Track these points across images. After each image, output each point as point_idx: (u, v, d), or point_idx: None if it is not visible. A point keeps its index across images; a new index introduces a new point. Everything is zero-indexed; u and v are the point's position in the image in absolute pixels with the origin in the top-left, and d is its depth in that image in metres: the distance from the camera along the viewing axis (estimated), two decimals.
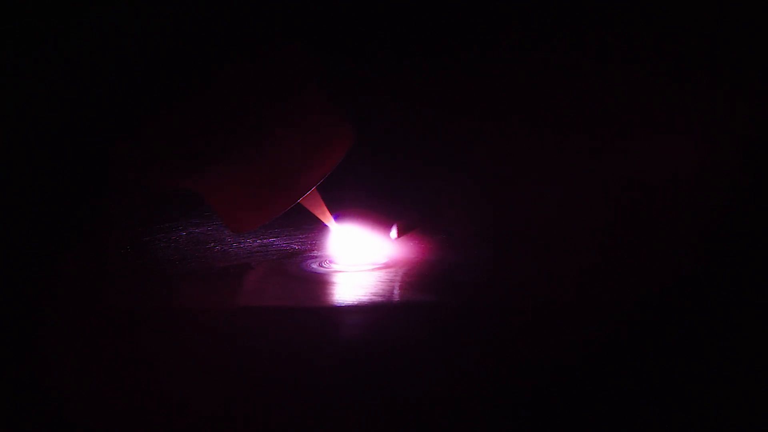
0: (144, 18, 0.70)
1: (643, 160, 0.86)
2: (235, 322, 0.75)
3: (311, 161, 0.80)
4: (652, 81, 0.84)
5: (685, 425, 0.55)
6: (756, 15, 0.77)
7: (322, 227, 0.99)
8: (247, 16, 0.73)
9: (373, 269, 0.87)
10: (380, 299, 0.76)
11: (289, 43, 0.78)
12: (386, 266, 0.88)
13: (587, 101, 0.88)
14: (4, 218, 0.84)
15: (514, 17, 0.88)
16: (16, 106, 0.76)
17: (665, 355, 0.62)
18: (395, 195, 1.03)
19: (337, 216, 0.93)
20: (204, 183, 0.79)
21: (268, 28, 0.76)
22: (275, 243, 0.97)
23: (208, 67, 0.74)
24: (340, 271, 0.87)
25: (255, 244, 0.97)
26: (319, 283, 0.84)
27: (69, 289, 0.81)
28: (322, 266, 0.89)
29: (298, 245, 0.96)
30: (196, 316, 0.76)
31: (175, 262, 0.90)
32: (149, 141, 0.75)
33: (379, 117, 0.99)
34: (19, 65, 0.73)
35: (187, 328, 0.73)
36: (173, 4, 0.70)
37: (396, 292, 0.79)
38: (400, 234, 0.93)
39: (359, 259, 0.92)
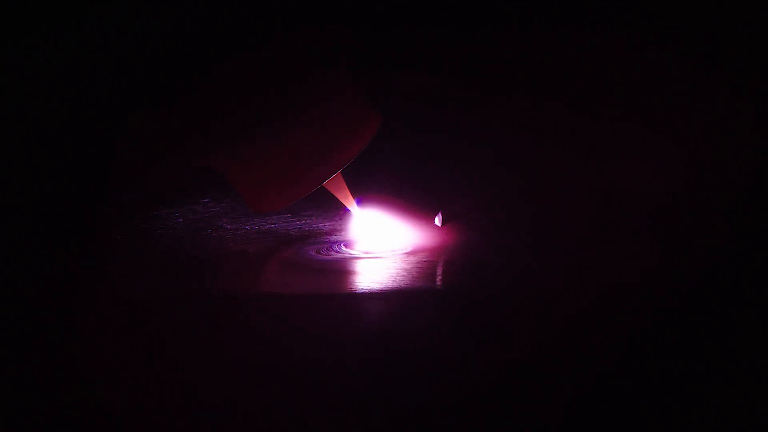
0: (150, 9, 0.69)
1: (642, 164, 0.87)
2: (236, 309, 0.75)
3: (337, 144, 0.79)
4: (656, 80, 0.84)
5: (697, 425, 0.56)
6: (757, 14, 0.78)
7: (319, 214, 1.00)
8: None
9: (370, 257, 0.88)
10: (379, 287, 0.77)
11: (315, 25, 0.76)
12: (386, 254, 0.89)
13: (587, 102, 0.89)
14: (4, 217, 0.83)
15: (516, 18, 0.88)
16: (16, 106, 0.75)
17: (670, 356, 0.63)
18: (418, 182, 1.03)
19: (360, 201, 0.93)
20: (227, 162, 0.78)
21: (295, 9, 0.74)
22: (274, 227, 0.97)
23: (235, 46, 0.72)
24: (340, 258, 0.88)
25: (252, 230, 0.97)
26: (319, 270, 0.84)
27: (72, 282, 0.81)
28: (320, 253, 0.90)
29: (296, 232, 0.97)
30: (197, 305, 0.76)
31: (173, 250, 0.90)
32: (171, 120, 0.74)
33: (406, 103, 0.98)
34: (19, 65, 0.71)
35: (188, 317, 0.73)
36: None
37: (398, 279, 0.80)
38: (444, 221, 0.92)
39: (376, 245, 0.92)
